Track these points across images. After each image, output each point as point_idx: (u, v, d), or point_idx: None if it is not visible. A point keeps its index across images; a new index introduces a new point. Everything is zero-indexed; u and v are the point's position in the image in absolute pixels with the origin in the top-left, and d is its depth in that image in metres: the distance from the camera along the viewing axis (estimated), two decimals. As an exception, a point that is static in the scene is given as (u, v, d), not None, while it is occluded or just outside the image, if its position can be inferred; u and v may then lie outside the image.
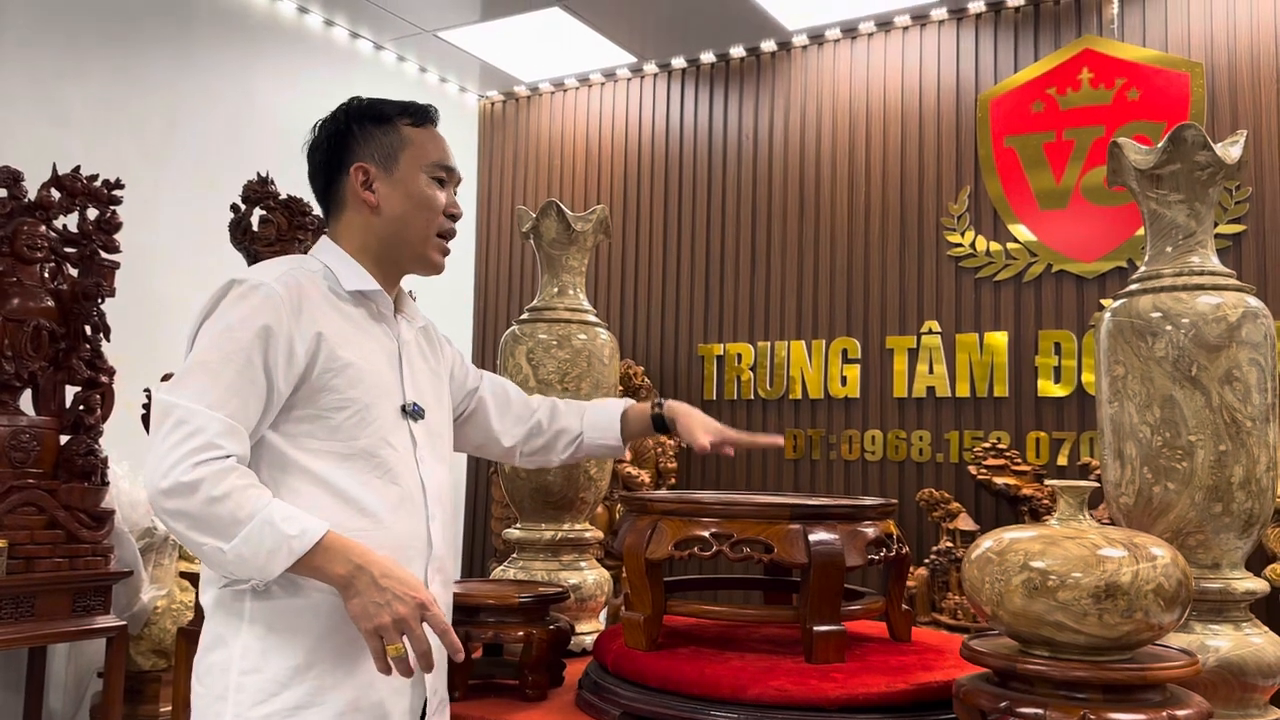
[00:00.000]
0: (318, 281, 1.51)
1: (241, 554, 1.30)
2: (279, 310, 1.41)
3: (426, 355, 1.68)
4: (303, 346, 1.42)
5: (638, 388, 4.56)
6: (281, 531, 1.30)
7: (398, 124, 1.60)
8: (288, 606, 1.39)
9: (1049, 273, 3.86)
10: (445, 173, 1.61)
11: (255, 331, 1.39)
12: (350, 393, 1.45)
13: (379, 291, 1.56)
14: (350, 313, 1.52)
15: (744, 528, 1.56)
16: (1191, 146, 1.56)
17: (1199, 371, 1.50)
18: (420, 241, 1.58)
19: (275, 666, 1.37)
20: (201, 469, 1.31)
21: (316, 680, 1.38)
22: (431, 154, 1.60)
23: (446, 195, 1.61)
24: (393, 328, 1.58)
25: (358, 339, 1.50)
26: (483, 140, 5.34)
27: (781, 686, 1.43)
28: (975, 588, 1.32)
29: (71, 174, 3.17)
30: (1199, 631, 1.50)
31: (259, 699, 1.36)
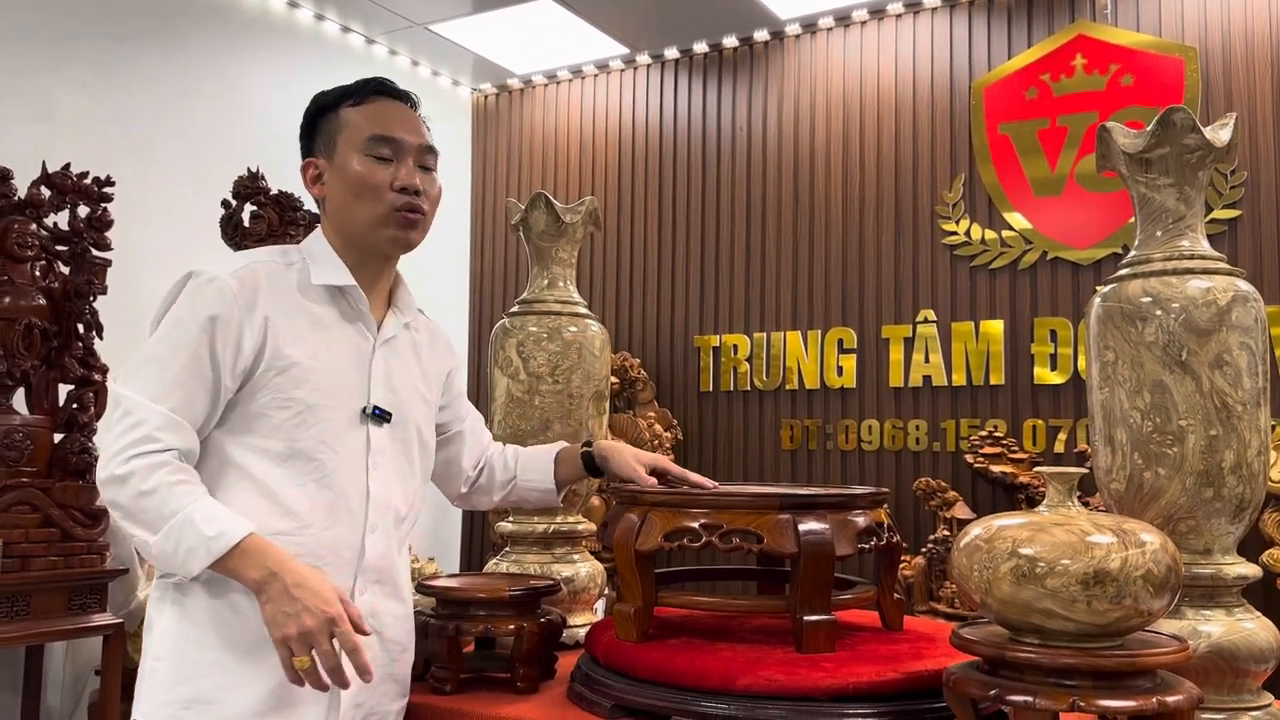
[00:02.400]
0: (288, 275, 1.49)
1: (164, 549, 1.32)
2: (230, 303, 1.41)
3: (420, 358, 1.64)
4: (250, 342, 1.41)
5: (634, 379, 4.55)
6: (200, 531, 1.31)
7: (339, 108, 1.56)
8: (205, 603, 1.39)
9: (1044, 260, 3.85)
10: (389, 145, 1.53)
11: (202, 324, 1.39)
12: (293, 392, 1.42)
13: (353, 287, 1.52)
14: (315, 310, 1.49)
15: (733, 518, 1.56)
16: (1180, 130, 1.54)
17: (1189, 356, 1.49)
18: (371, 225, 1.52)
19: (182, 658, 1.38)
20: (135, 462, 1.33)
21: (221, 677, 1.37)
22: (368, 129, 1.53)
23: (396, 169, 1.52)
24: (370, 325, 1.54)
25: (315, 336, 1.47)
26: (476, 133, 5.33)
27: (771, 676, 1.43)
28: (964, 575, 1.32)
29: (61, 171, 3.16)
30: (1190, 617, 1.50)
31: (163, 687, 1.38)
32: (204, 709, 1.37)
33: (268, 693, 1.38)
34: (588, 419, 2.10)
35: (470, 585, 1.76)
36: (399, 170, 1.52)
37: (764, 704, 1.41)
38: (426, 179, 1.57)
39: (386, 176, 1.51)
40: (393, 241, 1.54)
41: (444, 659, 1.67)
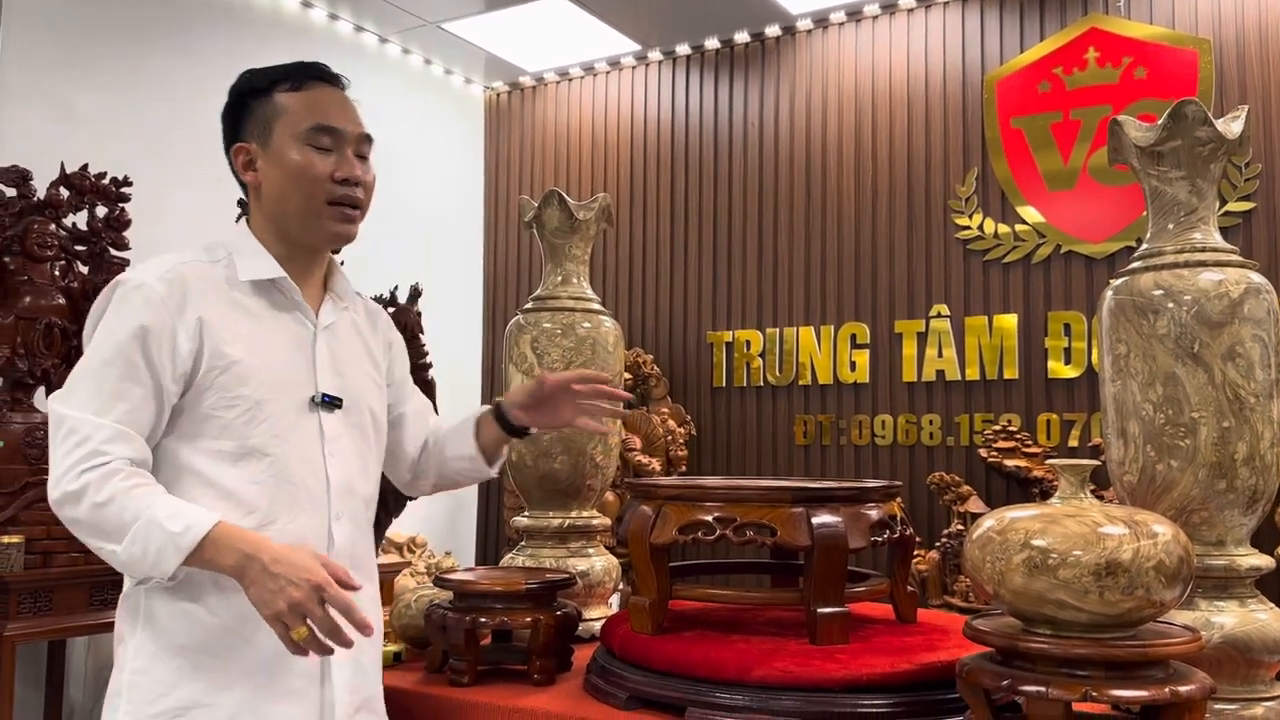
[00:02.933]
0: (214, 273, 1.45)
1: (132, 554, 1.29)
2: (159, 309, 1.39)
3: (363, 340, 1.61)
4: (186, 344, 1.39)
5: (647, 376, 4.57)
6: (166, 530, 1.29)
7: (273, 93, 1.51)
8: (180, 609, 1.38)
9: (1058, 254, 3.85)
10: (329, 135, 1.49)
11: (133, 333, 1.37)
12: (239, 390, 1.40)
13: (282, 279, 1.48)
14: (247, 304, 1.46)
15: (747, 511, 1.57)
16: (1192, 123, 1.55)
17: (1201, 348, 1.50)
18: (307, 216, 1.48)
19: (165, 667, 1.37)
20: (86, 475, 1.30)
21: (206, 681, 1.37)
22: (309, 117, 1.49)
23: (336, 159, 1.49)
24: (307, 313, 1.51)
25: (252, 332, 1.44)
26: (489, 131, 5.34)
27: (786, 668, 1.44)
28: (976, 567, 1.33)
29: (79, 172, 3.20)
30: (1203, 608, 1.50)
31: (149, 698, 1.36)
32: (195, 714, 1.36)
33: (255, 689, 1.38)
34: (602, 414, 2.11)
35: (487, 578, 1.77)
36: (339, 161, 1.49)
37: (778, 695, 1.42)
38: (363, 168, 1.54)
39: (327, 167, 1.48)
40: (332, 234, 1.51)
41: (461, 651, 1.69)
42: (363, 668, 1.47)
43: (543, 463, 2.09)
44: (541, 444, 2.08)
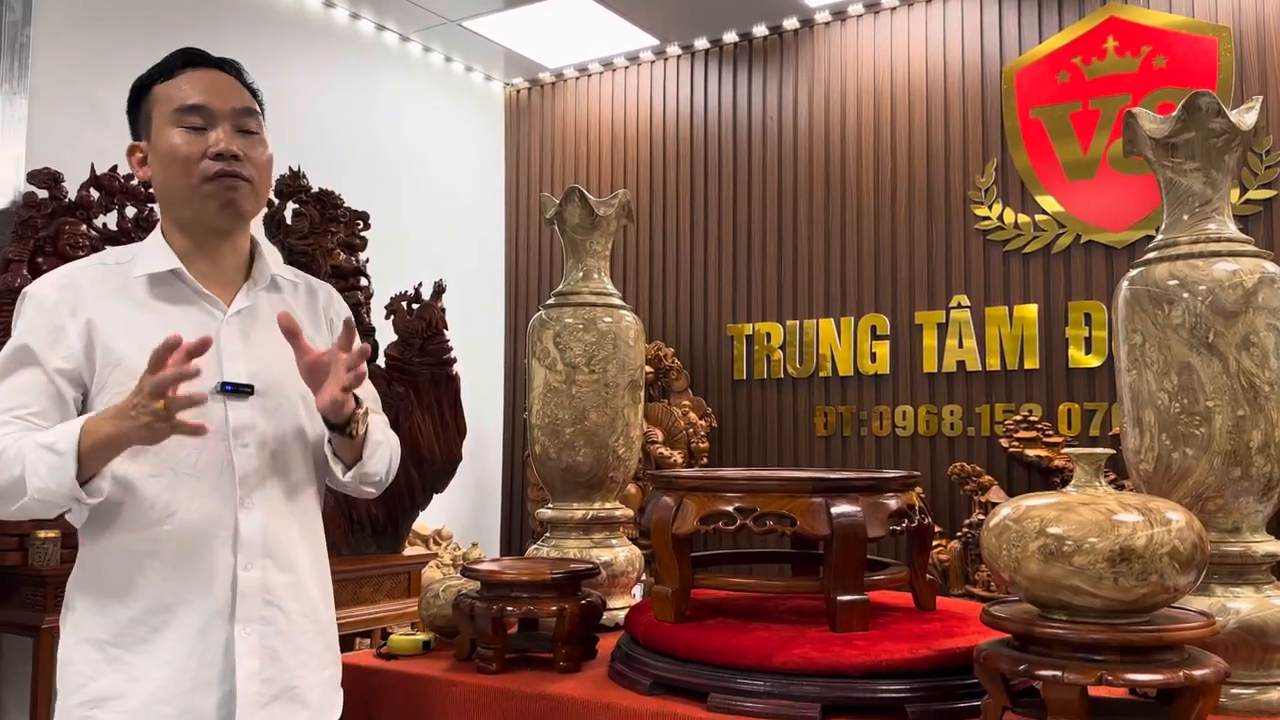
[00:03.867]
0: (110, 274, 1.49)
1: (40, 487, 1.33)
2: (49, 314, 1.43)
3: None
4: (78, 344, 1.43)
5: (668, 368, 4.60)
6: (45, 447, 1.33)
7: (151, 88, 1.53)
8: (94, 603, 1.42)
9: (1078, 243, 3.85)
10: (199, 114, 1.48)
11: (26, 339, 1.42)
12: (130, 384, 1.36)
13: (178, 270, 1.49)
14: (145, 300, 1.47)
15: (767, 502, 1.60)
16: (1206, 114, 1.56)
17: (1216, 338, 1.51)
18: (190, 198, 1.48)
19: (83, 659, 1.41)
20: None
21: (121, 671, 1.40)
22: (174, 100, 1.49)
23: (208, 138, 1.48)
24: (213, 301, 1.51)
25: (147, 326, 1.43)
26: (509, 128, 5.39)
27: (806, 654, 1.47)
28: (993, 555, 1.35)
29: (109, 173, 3.26)
30: (1219, 594, 1.52)
31: (71, 689, 1.42)
32: (112, 704, 1.39)
33: (165, 679, 1.40)
34: (623, 407, 2.15)
35: (513, 568, 1.81)
36: (211, 137, 1.48)
37: (799, 680, 1.45)
38: (247, 142, 1.51)
39: (200, 146, 1.47)
40: (218, 211, 1.49)
41: (489, 639, 1.73)
42: (278, 657, 1.46)
43: (566, 455, 2.13)
44: (564, 437, 2.12)
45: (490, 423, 5.16)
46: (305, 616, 1.52)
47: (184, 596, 1.42)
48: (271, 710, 1.45)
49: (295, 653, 1.49)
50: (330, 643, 1.59)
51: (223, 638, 1.43)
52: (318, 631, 1.55)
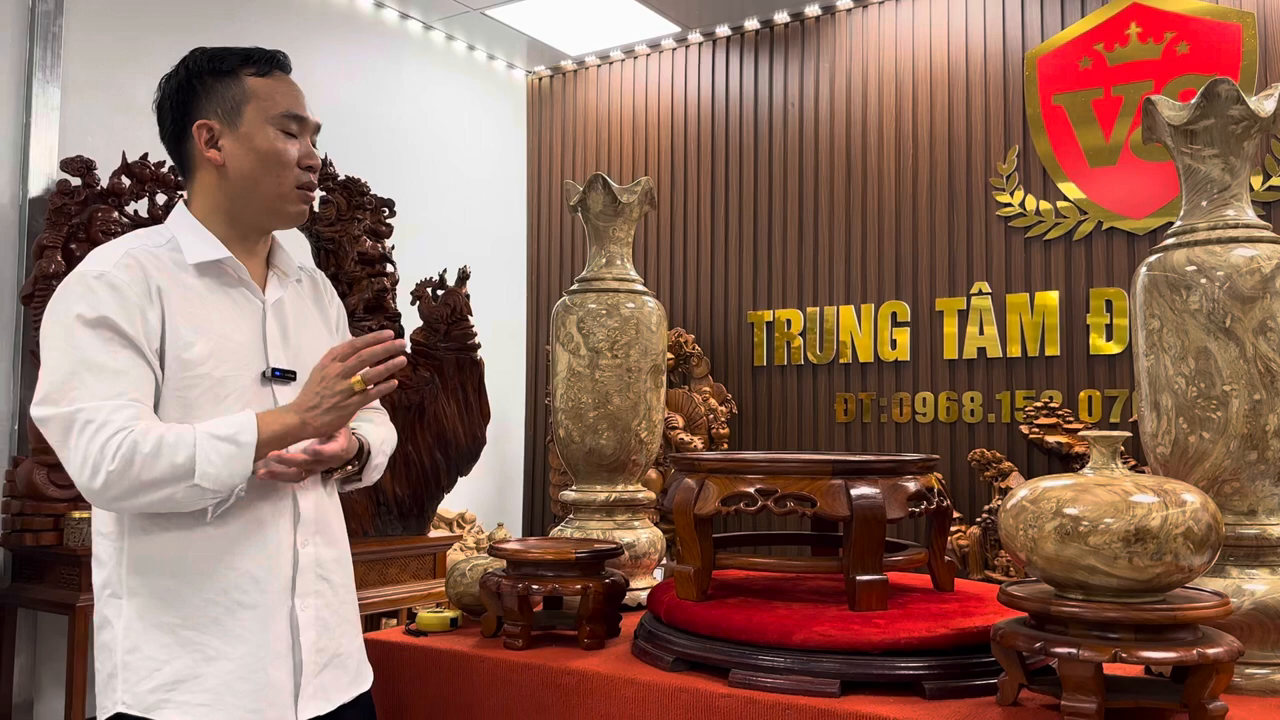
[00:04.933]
0: (162, 256, 1.49)
1: (211, 476, 1.38)
2: (125, 291, 1.42)
3: (311, 310, 1.66)
4: (155, 322, 1.44)
5: (689, 355, 4.63)
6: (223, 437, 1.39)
7: (241, 75, 1.54)
8: (163, 587, 1.45)
9: (1099, 230, 3.85)
10: (297, 123, 1.55)
11: (108, 319, 1.40)
12: (200, 369, 1.44)
13: (229, 259, 1.52)
14: (197, 285, 1.50)
15: (787, 483, 1.63)
16: (1225, 101, 1.57)
17: (1233, 323, 1.53)
18: (274, 199, 1.54)
19: (154, 644, 1.44)
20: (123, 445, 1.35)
21: (197, 653, 1.44)
22: (279, 104, 1.54)
23: (301, 146, 1.55)
24: (255, 290, 1.56)
25: (206, 312, 1.49)
26: (531, 116, 5.42)
27: (826, 632, 1.50)
28: (1010, 535, 1.38)
29: (140, 161, 3.32)
30: (1235, 576, 1.54)
31: (143, 675, 1.43)
32: (189, 685, 1.43)
33: (242, 657, 1.46)
34: (645, 391, 2.18)
35: (539, 548, 1.85)
36: (302, 147, 1.55)
37: (818, 657, 1.49)
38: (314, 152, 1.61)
39: (296, 153, 1.54)
40: (295, 215, 1.57)
41: (515, 617, 1.77)
42: (328, 627, 1.55)
43: (589, 439, 2.17)
44: (588, 421, 2.16)
45: (513, 407, 5.21)
46: (345, 588, 1.62)
47: (255, 575, 1.48)
48: (323, 677, 1.54)
49: (340, 622, 1.58)
50: (358, 614, 1.68)
51: (287, 612, 1.51)
52: (352, 603, 1.64)
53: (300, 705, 1.50)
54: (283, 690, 1.48)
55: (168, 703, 1.43)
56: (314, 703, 1.51)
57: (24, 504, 2.99)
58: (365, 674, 1.65)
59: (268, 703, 1.46)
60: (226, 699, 1.44)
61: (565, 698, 1.64)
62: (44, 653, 3.23)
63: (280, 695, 1.48)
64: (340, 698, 1.56)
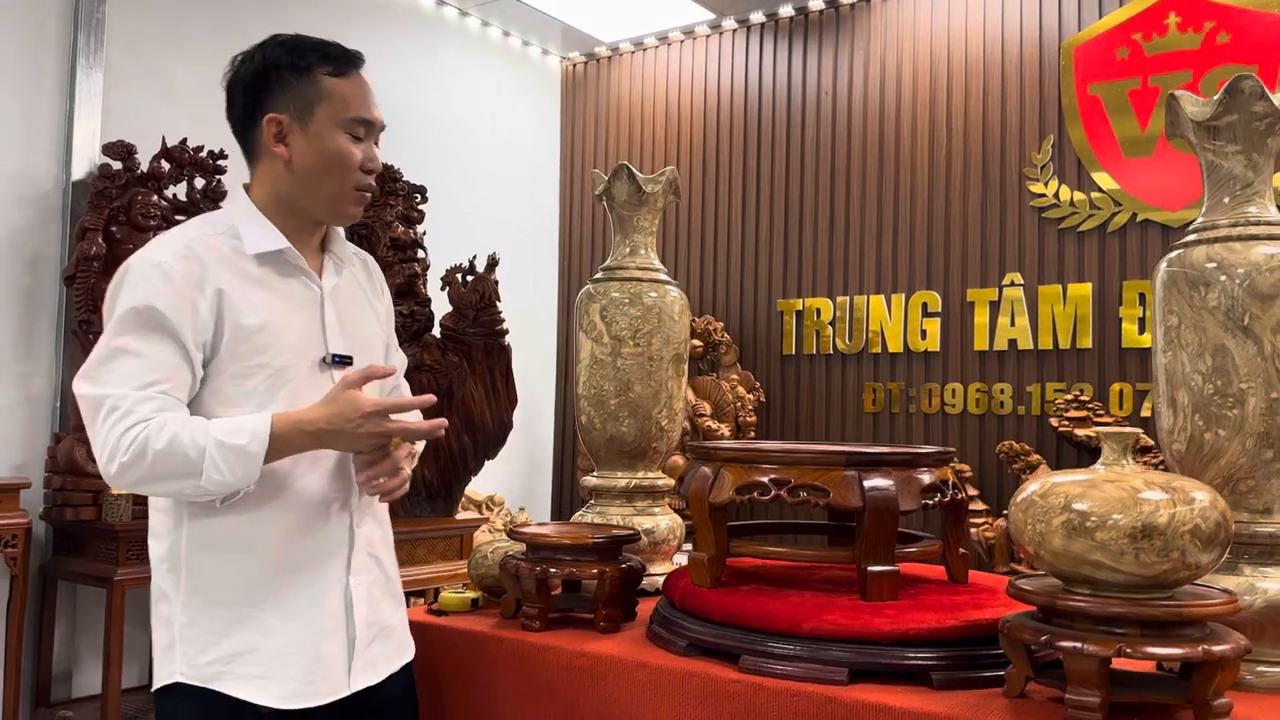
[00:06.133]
0: (221, 245, 1.53)
1: (216, 480, 1.41)
2: (178, 284, 1.46)
3: (365, 295, 1.70)
4: (207, 316, 1.47)
5: (718, 343, 4.64)
6: (233, 445, 1.41)
7: (316, 73, 1.57)
8: (223, 562, 1.49)
9: (1134, 222, 3.81)
10: (364, 127, 1.58)
11: (156, 309, 1.44)
12: (259, 358, 1.49)
13: (288, 249, 1.56)
14: (257, 273, 1.53)
15: (801, 474, 1.65)
16: (1249, 97, 1.56)
17: (1251, 321, 1.52)
18: (333, 198, 1.57)
19: (212, 618, 1.49)
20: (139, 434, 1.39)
21: (254, 627, 1.49)
22: (350, 108, 1.57)
23: (364, 150, 1.57)
24: (313, 278, 1.59)
25: (265, 300, 1.53)
26: (565, 102, 5.44)
27: (835, 620, 1.52)
28: (1019, 529, 1.39)
29: (179, 146, 3.38)
30: (1249, 574, 1.54)
31: (201, 648, 1.48)
32: (245, 658, 1.48)
33: (296, 632, 1.51)
34: (667, 380, 2.21)
35: (558, 533, 1.89)
36: (368, 150, 1.58)
37: (828, 646, 1.51)
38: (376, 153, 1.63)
39: (359, 156, 1.57)
40: (350, 216, 1.61)
41: (533, 599, 1.81)
42: (376, 602, 1.62)
43: (610, 426, 2.20)
44: (609, 408, 2.19)
45: (543, 393, 5.25)
46: (391, 564, 1.69)
47: (313, 554, 1.54)
48: (373, 649, 1.60)
49: (386, 597, 1.65)
50: (401, 588, 1.74)
51: (341, 588, 1.57)
52: (397, 578, 1.72)
53: (352, 677, 1.56)
54: (335, 663, 1.54)
55: (225, 674, 1.49)
56: (365, 674, 1.58)
57: (64, 479, 3.08)
58: (408, 645, 1.72)
59: (320, 675, 1.52)
60: (281, 671, 1.50)
61: (578, 679, 1.67)
62: (83, 624, 3.32)
63: (333, 668, 1.54)
64: (388, 668, 1.63)
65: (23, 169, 3.31)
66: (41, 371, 3.32)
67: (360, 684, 1.57)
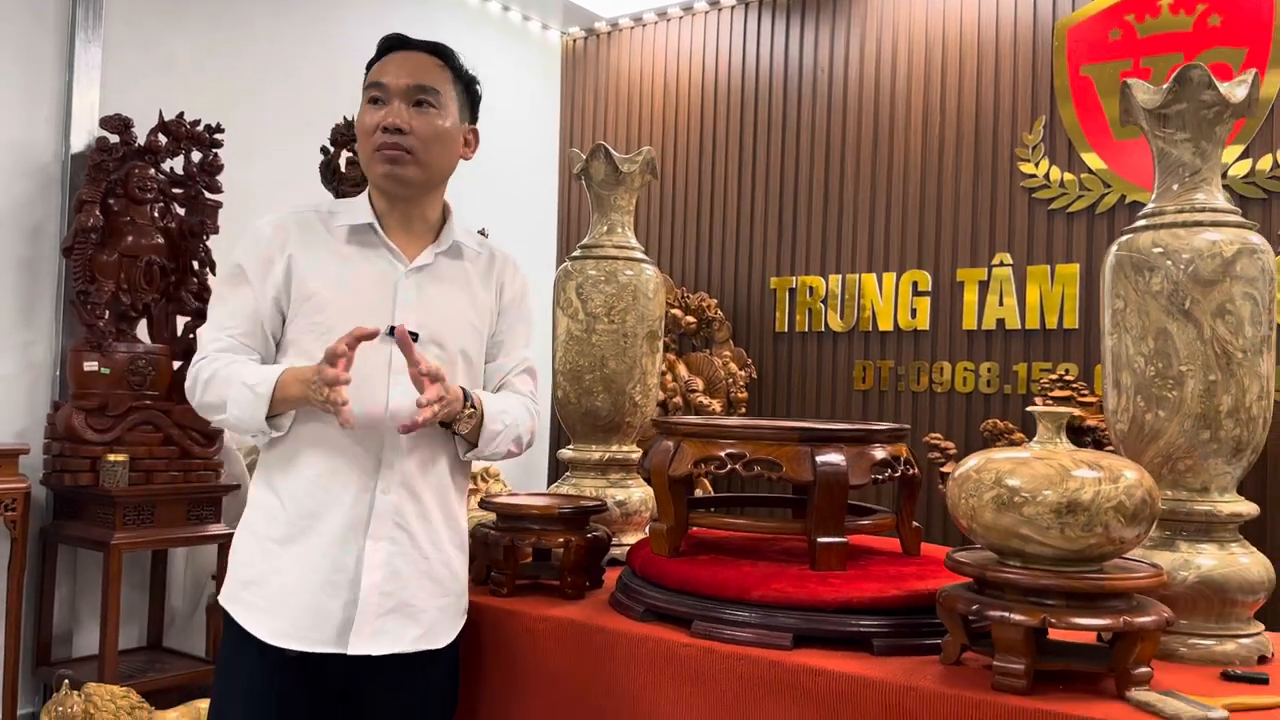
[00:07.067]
0: (314, 219, 1.72)
1: (236, 414, 1.61)
2: (265, 245, 1.68)
3: (468, 283, 1.76)
4: (279, 276, 1.66)
5: (711, 319, 4.69)
6: (248, 385, 1.58)
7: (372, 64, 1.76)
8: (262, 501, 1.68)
9: (1122, 204, 3.83)
10: (378, 89, 1.69)
11: (241, 265, 1.69)
12: (317, 318, 1.65)
13: (372, 224, 1.71)
14: (342, 249, 1.70)
15: (757, 449, 1.71)
16: (1197, 86, 1.60)
17: (1192, 305, 1.57)
18: (367, 164, 1.71)
19: (247, 548, 1.68)
20: (201, 367, 1.64)
21: (269, 563, 1.63)
22: (368, 78, 1.72)
23: (384, 111, 1.67)
24: (397, 255, 1.71)
25: (338, 269, 1.68)
26: (565, 77, 5.46)
27: (783, 589, 1.58)
28: (954, 503, 1.45)
29: (176, 119, 3.43)
30: (1184, 550, 1.59)
31: (233, 572, 1.69)
32: (256, 588, 1.64)
33: (300, 576, 1.62)
34: (641, 356, 2.26)
35: (527, 503, 1.95)
36: (387, 111, 1.67)
37: (775, 612, 1.57)
38: (419, 116, 1.68)
39: (376, 119, 1.67)
40: (382, 176, 1.68)
41: (501, 566, 1.87)
42: (399, 575, 1.64)
43: (585, 400, 2.26)
44: (584, 383, 2.25)
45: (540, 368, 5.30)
46: (430, 544, 1.69)
47: (329, 507, 1.63)
48: (386, 620, 1.62)
49: (417, 575, 1.67)
50: (453, 577, 1.73)
51: (355, 549, 1.63)
52: (442, 562, 1.71)
53: (352, 639, 1.60)
54: (330, 618, 1.61)
55: (238, 600, 1.65)
56: (368, 642, 1.61)
57: (63, 446, 3.16)
58: (442, 633, 1.70)
59: (311, 624, 1.61)
60: (279, 610, 1.61)
61: (538, 642, 1.74)
62: (82, 586, 3.42)
63: (326, 621, 1.61)
64: (401, 646, 1.63)
65: (22, 141, 3.37)
66: (41, 340, 3.40)
67: (361, 650, 1.59)
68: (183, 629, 3.70)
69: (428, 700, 1.71)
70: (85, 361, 3.19)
